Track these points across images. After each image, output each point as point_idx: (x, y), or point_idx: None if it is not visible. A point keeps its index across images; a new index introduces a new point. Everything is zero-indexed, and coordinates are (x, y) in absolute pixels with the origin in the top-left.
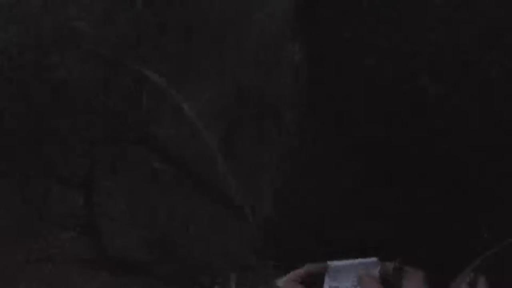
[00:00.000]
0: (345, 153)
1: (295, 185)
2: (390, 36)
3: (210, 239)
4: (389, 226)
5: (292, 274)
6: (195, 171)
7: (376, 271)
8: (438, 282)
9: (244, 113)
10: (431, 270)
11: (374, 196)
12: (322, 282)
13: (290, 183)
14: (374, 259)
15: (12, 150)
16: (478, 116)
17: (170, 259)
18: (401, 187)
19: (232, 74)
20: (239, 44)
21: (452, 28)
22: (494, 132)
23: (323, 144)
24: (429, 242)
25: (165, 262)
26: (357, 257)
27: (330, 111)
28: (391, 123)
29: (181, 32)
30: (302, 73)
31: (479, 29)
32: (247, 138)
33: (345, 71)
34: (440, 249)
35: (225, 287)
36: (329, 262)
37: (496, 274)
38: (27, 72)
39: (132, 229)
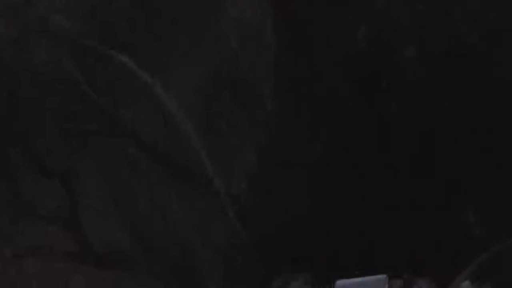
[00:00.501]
0: (320, 138)
1: (270, 169)
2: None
3: (190, 227)
4: (366, 212)
5: None
6: (172, 158)
7: None
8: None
9: (222, 98)
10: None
11: (350, 181)
12: None
13: (266, 167)
14: (383, 276)
15: None
16: (467, 92)
17: (152, 250)
18: (384, 173)
19: (211, 60)
20: (219, 31)
21: (440, 2)
22: (483, 109)
23: (300, 129)
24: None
25: (148, 253)
26: (332, 242)
27: (310, 94)
28: (372, 104)
29: (161, 19)
30: (280, 58)
31: (467, 4)
32: (224, 123)
33: (323, 54)
34: (415, 238)
35: (211, 278)
36: (337, 281)
37: (496, 275)
38: (11, 64)
39: (115, 221)
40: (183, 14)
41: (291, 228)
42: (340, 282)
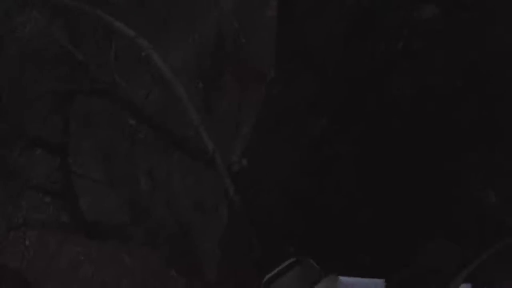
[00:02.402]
0: (322, 107)
1: (267, 139)
2: None
3: (186, 196)
4: (357, 182)
5: None
6: (169, 127)
7: None
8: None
9: (220, 69)
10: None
11: (345, 148)
12: None
13: (262, 137)
14: (381, 280)
15: None
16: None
17: (146, 220)
18: (382, 141)
19: (210, 31)
20: (218, 2)
21: None
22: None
23: (298, 97)
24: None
25: (142, 223)
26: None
27: (309, 63)
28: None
29: None
30: (279, 28)
31: None
32: (223, 93)
33: (324, 17)
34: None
35: (208, 254)
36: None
37: (495, 274)
38: None
39: (109, 190)
40: None
41: (291, 206)
42: (343, 279)
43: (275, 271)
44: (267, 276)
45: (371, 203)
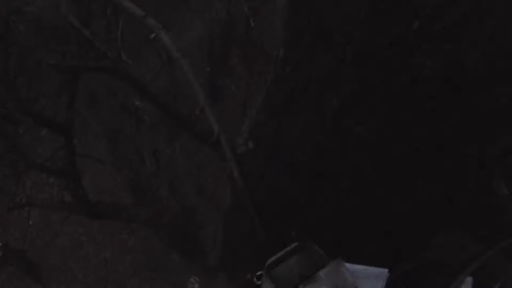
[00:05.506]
0: (337, 85)
1: (276, 120)
2: None
3: (190, 178)
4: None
5: None
6: (175, 107)
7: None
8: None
9: (229, 52)
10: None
11: (357, 131)
12: None
13: (270, 119)
14: (384, 270)
15: None
16: None
17: (150, 201)
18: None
19: (220, 14)
20: None
21: None
22: None
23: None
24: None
25: (145, 204)
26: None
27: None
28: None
29: None
30: (288, 13)
31: None
32: (230, 77)
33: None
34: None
35: (210, 230)
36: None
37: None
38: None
39: (113, 171)
40: None
41: (297, 191)
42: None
43: (278, 255)
44: (269, 260)
45: (381, 190)
